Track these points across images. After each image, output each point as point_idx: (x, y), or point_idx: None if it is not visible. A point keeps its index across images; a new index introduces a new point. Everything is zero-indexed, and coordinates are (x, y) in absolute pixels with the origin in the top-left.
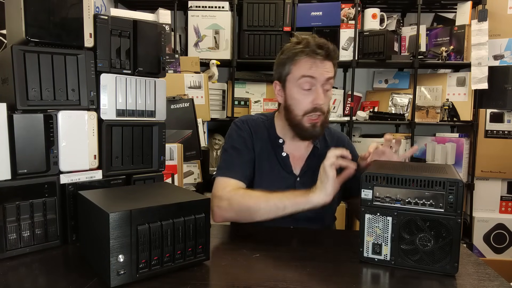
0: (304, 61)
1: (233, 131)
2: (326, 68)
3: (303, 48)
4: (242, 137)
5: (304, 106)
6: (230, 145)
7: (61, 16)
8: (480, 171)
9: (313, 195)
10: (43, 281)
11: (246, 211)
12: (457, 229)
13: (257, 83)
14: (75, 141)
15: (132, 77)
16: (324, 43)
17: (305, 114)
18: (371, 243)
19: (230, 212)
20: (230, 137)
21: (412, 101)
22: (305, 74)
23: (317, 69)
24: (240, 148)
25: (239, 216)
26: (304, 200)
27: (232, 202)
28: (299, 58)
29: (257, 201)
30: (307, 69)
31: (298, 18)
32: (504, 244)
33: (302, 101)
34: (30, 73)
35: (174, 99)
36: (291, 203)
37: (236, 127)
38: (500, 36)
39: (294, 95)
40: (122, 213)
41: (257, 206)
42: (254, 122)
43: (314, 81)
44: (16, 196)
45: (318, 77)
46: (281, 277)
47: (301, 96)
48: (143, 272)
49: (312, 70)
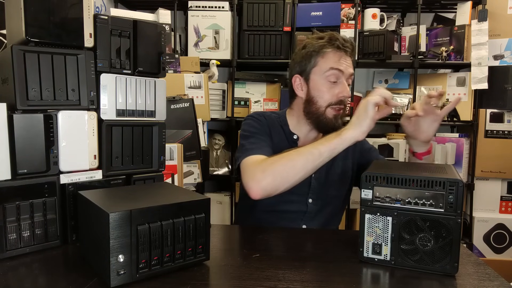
0: (333, 53)
1: (252, 122)
2: (350, 63)
3: (332, 41)
4: (263, 126)
5: (329, 98)
6: (252, 132)
7: (61, 16)
8: (480, 171)
9: (346, 132)
10: (43, 281)
11: (282, 170)
12: (457, 229)
13: (257, 83)
14: (75, 141)
15: (132, 77)
16: (347, 40)
17: (329, 105)
18: (371, 243)
19: (267, 179)
20: (250, 126)
21: (412, 101)
22: (333, 66)
23: (345, 63)
24: (262, 135)
25: (277, 179)
26: (338, 139)
27: (265, 168)
28: (327, 51)
29: (290, 156)
30: (335, 61)
31: (298, 18)
32: (504, 244)
33: (328, 93)
34: (30, 73)
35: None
36: (325, 147)
37: (254, 119)
38: (500, 36)
39: (320, 87)
40: (122, 213)
41: (292, 161)
42: (269, 117)
43: (340, 74)
44: (16, 196)
45: (344, 71)
46: (281, 277)
47: (327, 88)
48: (143, 272)
49: (340, 63)
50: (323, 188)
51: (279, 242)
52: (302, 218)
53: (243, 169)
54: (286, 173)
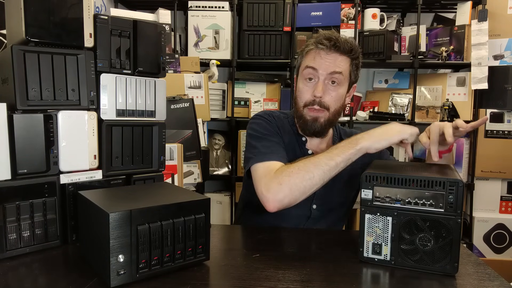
0: (311, 52)
1: (261, 121)
2: (332, 61)
3: (311, 40)
4: (271, 127)
5: (305, 96)
6: (263, 133)
7: (61, 16)
8: (480, 171)
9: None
10: (43, 281)
11: (299, 183)
12: (457, 229)
13: (257, 83)
14: (75, 141)
15: (132, 77)
16: (333, 36)
17: (306, 105)
18: (371, 243)
19: (284, 191)
20: (260, 126)
21: (412, 101)
22: (308, 64)
23: (321, 61)
24: (275, 136)
25: (294, 192)
26: (353, 150)
27: (282, 181)
28: (307, 49)
29: (306, 168)
30: (311, 59)
31: (298, 18)
32: (504, 244)
33: (304, 92)
34: (30, 73)
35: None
36: (341, 158)
37: (262, 118)
38: (500, 36)
39: (299, 85)
40: (122, 213)
41: (309, 173)
42: (278, 117)
43: (315, 72)
44: (16, 196)
45: (319, 68)
46: (281, 277)
47: (304, 87)
48: (143, 272)
49: (315, 61)
50: (329, 194)
51: (279, 242)
52: (305, 223)
53: (257, 177)
54: (303, 186)
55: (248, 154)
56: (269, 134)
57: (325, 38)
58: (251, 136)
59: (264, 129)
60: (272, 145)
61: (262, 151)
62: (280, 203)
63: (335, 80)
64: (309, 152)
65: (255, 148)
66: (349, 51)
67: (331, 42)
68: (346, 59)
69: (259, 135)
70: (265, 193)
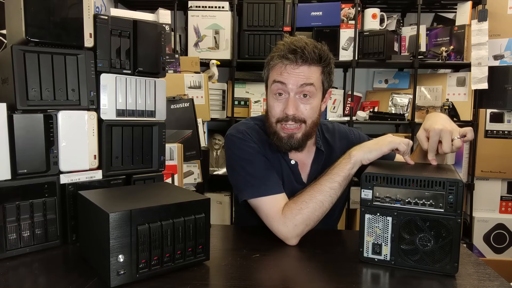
0: (278, 66)
1: (239, 144)
2: (302, 74)
3: (276, 52)
4: (252, 147)
5: (276, 113)
6: (245, 159)
7: (61, 16)
8: (480, 171)
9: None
10: (43, 281)
11: (312, 214)
12: (457, 229)
13: (257, 83)
14: (75, 141)
15: (132, 77)
16: (299, 46)
17: (278, 121)
18: (371, 243)
19: (300, 227)
20: (239, 150)
21: (412, 101)
22: (275, 79)
23: (289, 75)
24: (258, 157)
25: (310, 224)
26: (349, 165)
27: (296, 221)
28: (273, 63)
29: (314, 198)
30: (278, 74)
31: (298, 18)
32: (504, 244)
33: (275, 108)
34: (30, 73)
35: (174, 99)
36: (341, 177)
37: (239, 139)
38: (500, 36)
39: (269, 101)
40: (122, 213)
41: (318, 202)
42: (253, 130)
43: (284, 87)
44: (16, 196)
45: (288, 83)
46: (281, 277)
47: (274, 103)
48: (143, 272)
49: (283, 75)
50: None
51: (279, 242)
52: None
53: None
54: (316, 216)
55: (238, 182)
56: (252, 157)
57: (289, 52)
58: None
59: (245, 152)
60: (261, 171)
61: (254, 183)
62: (300, 236)
63: (307, 93)
64: (291, 162)
65: (244, 176)
66: (319, 60)
67: (297, 54)
68: (316, 69)
69: (243, 161)
70: (285, 235)
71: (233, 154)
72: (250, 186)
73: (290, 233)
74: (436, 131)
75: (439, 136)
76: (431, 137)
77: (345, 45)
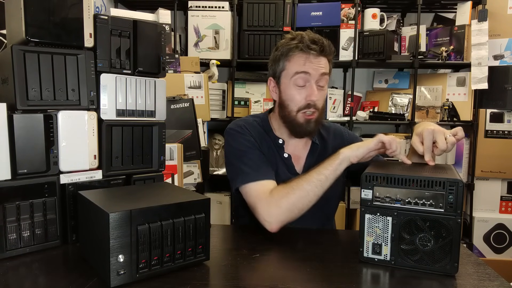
0: (298, 56)
1: (237, 137)
2: (321, 64)
3: (297, 44)
4: (249, 140)
5: (298, 102)
6: (241, 150)
7: (61, 16)
8: (480, 171)
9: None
10: (43, 281)
11: (297, 202)
12: (457, 229)
13: (257, 83)
14: (75, 141)
15: (132, 77)
16: (318, 38)
17: (299, 110)
18: (371, 243)
19: (284, 213)
20: (237, 143)
21: (412, 101)
22: (299, 70)
23: (311, 65)
24: (253, 149)
25: (293, 211)
26: (338, 161)
27: (280, 203)
28: (293, 54)
29: (300, 186)
30: (301, 65)
31: (298, 18)
32: (504, 244)
33: (297, 97)
34: (30, 73)
35: (174, 99)
36: (329, 171)
37: (237, 132)
38: (500, 36)
39: (289, 91)
40: (122, 213)
41: (304, 191)
42: (251, 125)
43: (308, 77)
44: (16, 196)
45: (312, 72)
46: (281, 277)
47: (296, 92)
48: (143, 272)
49: (306, 65)
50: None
51: (279, 242)
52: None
53: (253, 199)
54: (301, 204)
55: (232, 173)
56: (247, 150)
57: (312, 42)
58: (231, 154)
59: (241, 144)
60: (255, 161)
61: (246, 170)
62: (281, 223)
63: (324, 81)
64: (285, 155)
65: (238, 166)
66: (331, 52)
67: (318, 45)
68: (328, 60)
69: (238, 153)
70: (266, 217)
71: (230, 146)
72: (242, 174)
73: (272, 216)
74: (429, 131)
75: (432, 135)
76: (425, 138)
77: (345, 45)
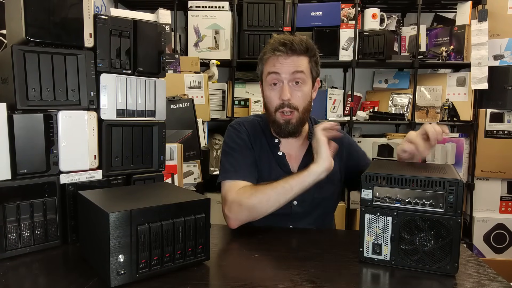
0: (271, 58)
1: (232, 134)
2: (292, 63)
3: (268, 47)
4: (242, 139)
5: (273, 101)
6: (231, 147)
7: (61, 16)
8: (480, 171)
9: (313, 166)
10: (43, 281)
11: (257, 204)
12: (457, 229)
13: (257, 83)
14: (75, 141)
15: (132, 77)
16: (288, 39)
17: (277, 110)
18: (371, 243)
19: (243, 212)
20: (230, 139)
21: (412, 101)
22: (270, 70)
23: (281, 65)
24: (242, 149)
25: (252, 213)
26: (306, 173)
27: (241, 202)
28: (266, 56)
29: (264, 191)
30: (271, 65)
31: (298, 18)
32: (504, 244)
33: (272, 97)
34: (30, 73)
35: (174, 99)
36: (295, 182)
37: (234, 129)
38: (500, 36)
39: (266, 92)
40: (122, 213)
41: (266, 195)
42: (250, 124)
43: (278, 76)
44: (16, 196)
45: (281, 72)
46: (281, 277)
47: (271, 93)
48: (143, 272)
49: (276, 66)
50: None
51: (279, 242)
52: (288, 220)
53: (222, 196)
54: (260, 207)
55: (219, 167)
56: (235, 148)
57: (280, 44)
58: (222, 151)
59: (233, 142)
60: (239, 161)
61: (228, 168)
62: (240, 222)
63: (299, 80)
64: (279, 153)
65: (223, 162)
66: (306, 50)
67: (287, 46)
68: (304, 58)
69: (227, 150)
70: (227, 212)
71: (224, 142)
72: (223, 171)
73: (232, 213)
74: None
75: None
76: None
77: (345, 45)
